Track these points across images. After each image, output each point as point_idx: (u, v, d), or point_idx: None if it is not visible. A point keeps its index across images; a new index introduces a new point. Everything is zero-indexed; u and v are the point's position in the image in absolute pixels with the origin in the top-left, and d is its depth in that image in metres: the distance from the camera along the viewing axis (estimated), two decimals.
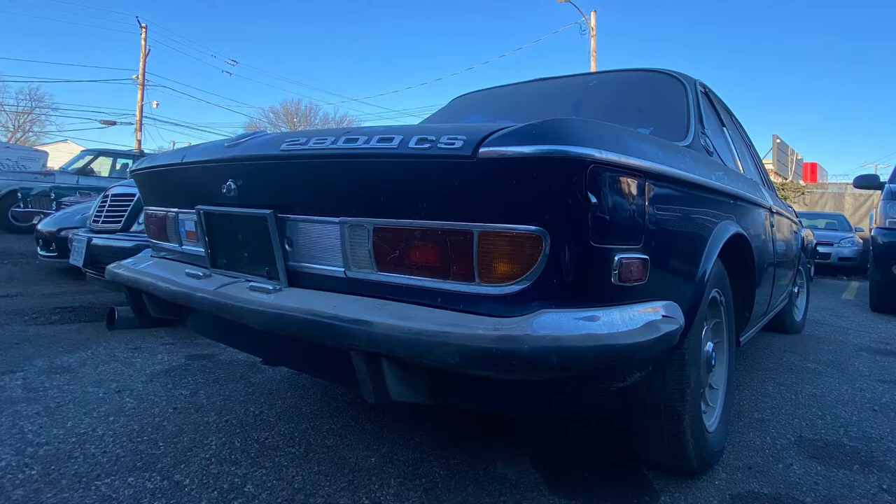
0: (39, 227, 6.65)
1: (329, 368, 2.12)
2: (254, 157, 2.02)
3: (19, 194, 12.52)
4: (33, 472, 2.24)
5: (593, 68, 21.36)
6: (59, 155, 25.70)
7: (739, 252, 2.71)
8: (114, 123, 34.65)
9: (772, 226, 3.68)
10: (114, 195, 5.41)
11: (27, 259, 8.47)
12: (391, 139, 1.66)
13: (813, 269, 6.86)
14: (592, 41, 22.60)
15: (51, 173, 14.01)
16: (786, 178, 23.37)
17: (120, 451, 2.46)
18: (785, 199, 9.65)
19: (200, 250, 2.37)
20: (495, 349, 1.42)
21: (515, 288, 1.55)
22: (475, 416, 2.87)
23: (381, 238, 1.73)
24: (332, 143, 1.78)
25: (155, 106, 33.13)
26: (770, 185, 4.79)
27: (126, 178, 7.06)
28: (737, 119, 4.43)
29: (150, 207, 2.80)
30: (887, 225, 6.92)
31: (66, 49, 72.50)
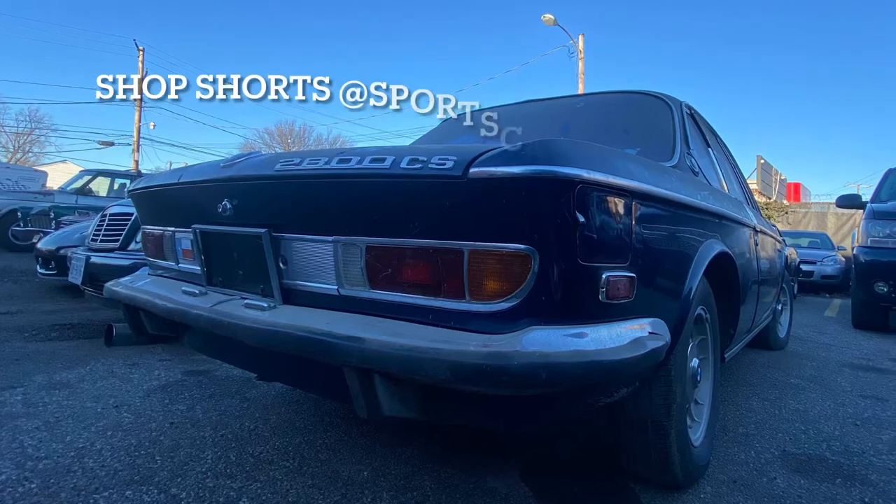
0: (39, 245, 6.67)
1: (323, 384, 2.11)
2: (249, 177, 2.02)
3: (19, 214, 12.51)
4: (33, 486, 2.23)
5: (581, 90, 21.42)
6: (59, 175, 25.65)
7: (724, 270, 2.70)
8: (112, 144, 34.51)
9: (756, 244, 3.69)
10: (112, 215, 5.40)
11: (27, 277, 8.42)
12: (383, 159, 1.66)
13: (796, 286, 6.89)
14: (580, 63, 22.66)
15: (50, 193, 13.99)
16: (770, 198, 23.46)
17: (118, 465, 2.44)
18: (769, 218, 9.68)
19: (197, 268, 2.36)
20: (485, 365, 1.42)
21: (505, 305, 1.55)
22: (466, 432, 2.86)
23: (374, 256, 1.73)
24: (326, 163, 1.78)
25: (152, 127, 32.94)
26: (754, 205, 4.81)
27: (124, 198, 7.06)
28: (722, 140, 4.45)
29: (148, 226, 2.80)
30: (869, 244, 6.94)
31: (65, 71, 72.53)
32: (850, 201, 8.42)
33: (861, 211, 7.94)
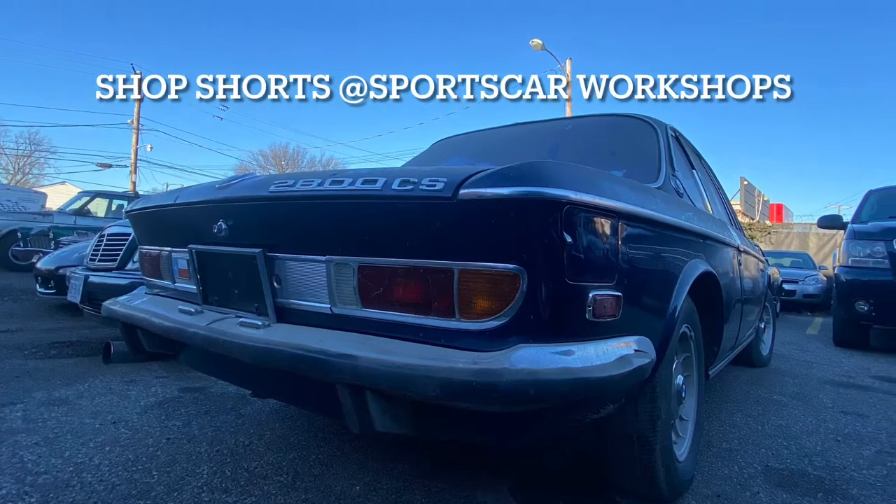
0: (39, 265, 6.63)
1: (316, 400, 2.11)
2: (244, 198, 2.03)
3: (19, 234, 12.45)
4: (32, 500, 2.21)
5: (568, 113, 21.49)
6: (58, 196, 25.59)
7: (708, 289, 2.71)
8: (110, 166, 34.44)
9: (739, 264, 3.71)
10: (110, 235, 5.38)
11: (27, 296, 8.38)
12: (375, 181, 1.67)
13: (779, 305, 6.89)
14: (568, 87, 22.73)
15: (49, 214, 13.95)
16: (753, 219, 23.52)
17: (115, 479, 2.43)
18: (752, 238, 9.71)
19: (193, 287, 2.36)
20: (475, 382, 1.42)
21: (494, 323, 1.55)
22: (456, 447, 2.85)
23: (366, 276, 1.74)
24: (319, 184, 1.79)
25: (149, 149, 32.96)
26: (738, 225, 4.83)
27: (121, 219, 7.07)
28: (706, 162, 4.46)
29: (145, 246, 2.80)
30: (850, 263, 6.97)
31: (64, 95, 72.61)
32: (831, 222, 8.46)
33: (842, 231, 7.97)
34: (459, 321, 1.60)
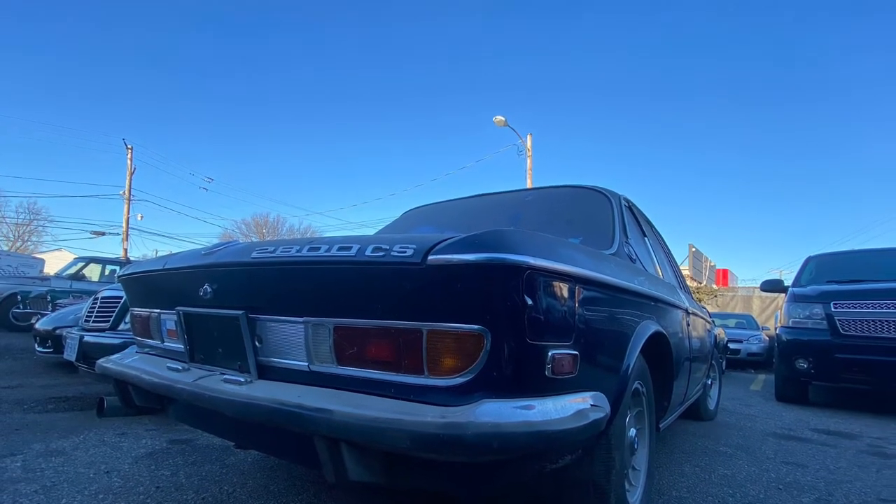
0: (37, 326, 6.62)
1: (294, 452, 2.08)
2: (227, 263, 2.03)
3: (19, 297, 12.46)
4: None
5: (529, 184, 21.69)
6: (55, 262, 25.42)
7: (659, 348, 2.73)
8: (103, 234, 34.25)
9: (688, 325, 3.73)
10: (103, 298, 5.39)
11: (26, 354, 8.32)
12: (350, 248, 1.69)
13: (724, 363, 6.94)
14: (528, 160, 22.96)
15: (47, 278, 13.95)
16: (700, 283, 23.82)
17: None
18: (699, 301, 9.81)
19: (180, 346, 2.34)
20: (442, 435, 1.43)
21: (460, 380, 1.56)
22: (426, 494, 2.82)
23: (341, 336, 1.74)
24: (298, 251, 1.80)
25: (140, 218, 32.82)
26: (686, 289, 4.87)
27: (114, 283, 7.06)
28: (657, 229, 4.52)
29: (136, 308, 2.79)
30: (791, 324, 7.04)
31: (61, 167, 72.52)
32: (773, 286, 8.58)
33: (783, 294, 8.06)
34: (428, 378, 1.60)
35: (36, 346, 6.62)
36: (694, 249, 24.37)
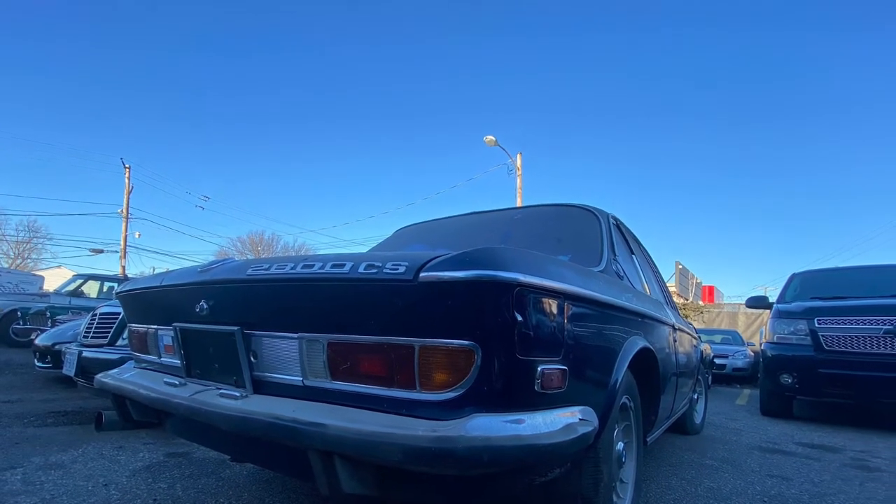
0: (37, 341, 6.61)
1: (289, 465, 2.08)
2: (223, 280, 2.03)
3: (19, 313, 12.45)
4: None
5: (519, 203, 21.70)
6: (54, 279, 25.26)
7: (646, 363, 2.73)
8: (101, 251, 34.21)
9: (675, 340, 3.74)
10: (101, 314, 5.38)
11: (26, 370, 8.29)
12: (343, 265, 1.69)
13: (710, 378, 6.93)
14: (518, 179, 22.96)
15: (47, 295, 13.90)
16: (687, 299, 23.83)
17: None
18: (686, 317, 9.82)
19: (177, 362, 2.34)
20: (434, 448, 1.43)
21: (451, 395, 1.56)
22: None
23: (335, 351, 1.74)
24: (292, 268, 1.81)
25: (137, 236, 32.85)
26: (673, 305, 4.88)
27: (112, 299, 7.04)
28: (644, 247, 4.53)
29: (133, 324, 2.78)
30: (775, 340, 7.05)
31: (60, 186, 72.09)
32: (758, 302, 8.60)
33: (768, 311, 8.08)
34: (420, 392, 1.60)
35: (35, 361, 6.62)
36: (681, 267, 24.41)
